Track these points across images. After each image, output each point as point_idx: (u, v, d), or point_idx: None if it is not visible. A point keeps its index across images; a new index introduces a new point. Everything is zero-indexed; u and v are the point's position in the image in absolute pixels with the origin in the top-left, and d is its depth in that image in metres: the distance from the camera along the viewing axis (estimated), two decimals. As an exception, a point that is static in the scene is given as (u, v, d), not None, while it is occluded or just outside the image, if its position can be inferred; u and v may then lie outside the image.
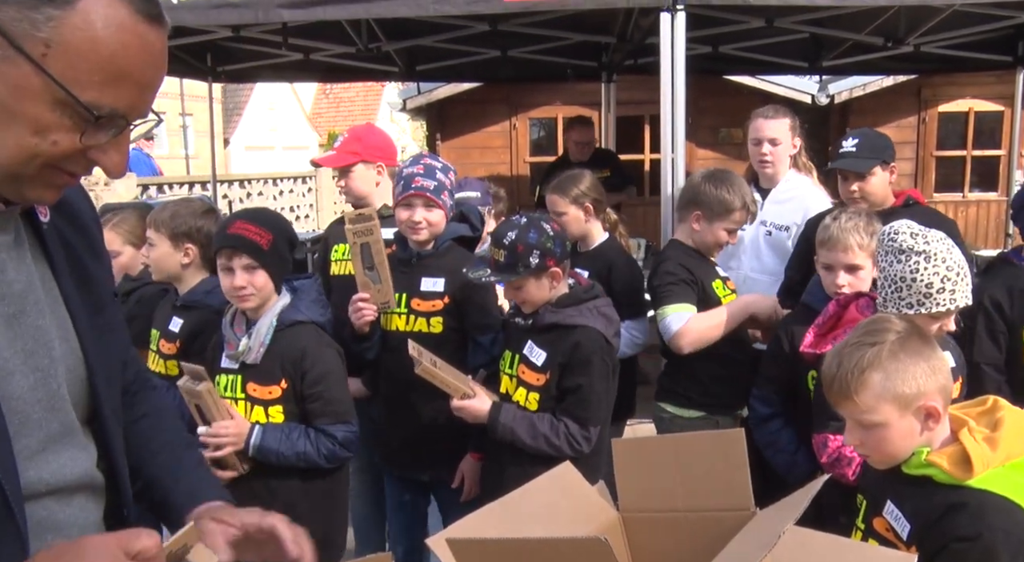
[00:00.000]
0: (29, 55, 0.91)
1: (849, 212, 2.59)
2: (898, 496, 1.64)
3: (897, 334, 1.63)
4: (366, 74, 7.31)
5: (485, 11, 3.68)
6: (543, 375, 2.42)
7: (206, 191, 9.48)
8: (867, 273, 2.48)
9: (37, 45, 0.91)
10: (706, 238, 2.94)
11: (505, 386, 2.53)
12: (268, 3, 3.57)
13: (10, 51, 0.91)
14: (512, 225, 2.45)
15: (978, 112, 9.15)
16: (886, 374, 1.59)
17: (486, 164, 9.37)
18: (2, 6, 0.91)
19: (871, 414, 1.60)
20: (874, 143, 3.10)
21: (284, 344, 2.37)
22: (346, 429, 2.39)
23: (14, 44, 0.91)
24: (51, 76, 0.92)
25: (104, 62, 0.94)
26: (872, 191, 3.05)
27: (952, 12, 4.78)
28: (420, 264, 2.75)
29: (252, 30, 5.06)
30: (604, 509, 1.39)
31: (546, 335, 2.44)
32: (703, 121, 8.63)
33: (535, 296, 2.46)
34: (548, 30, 5.64)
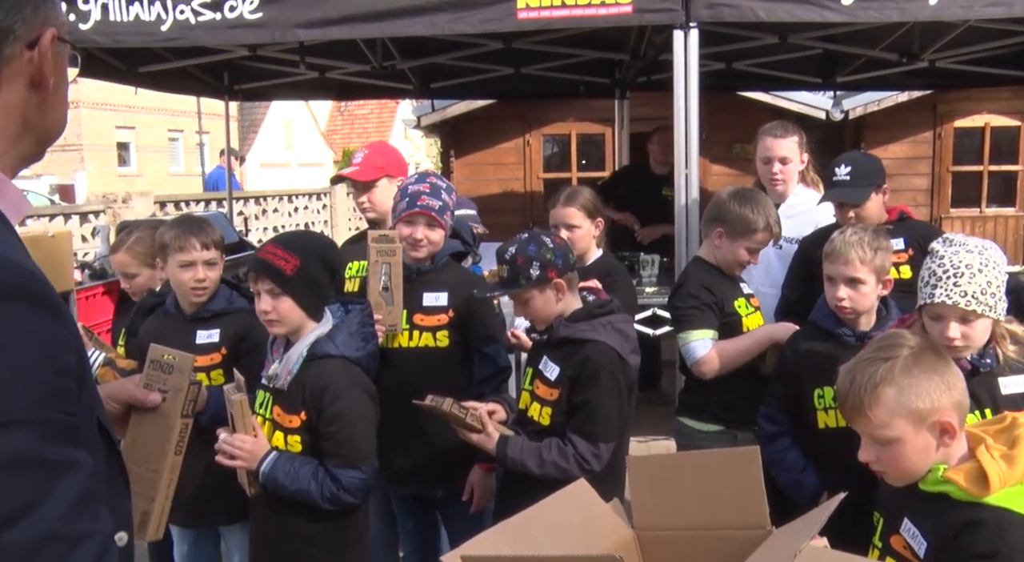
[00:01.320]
0: (68, 41, 1.13)
1: (856, 227, 2.60)
2: (915, 513, 1.63)
3: (911, 349, 1.63)
4: (381, 92, 7.37)
5: (499, 29, 3.69)
6: (555, 390, 2.41)
7: (222, 208, 9.54)
8: (869, 288, 2.46)
9: (64, 30, 1.13)
10: (727, 256, 2.93)
11: (523, 402, 2.54)
12: (285, 23, 3.61)
13: (63, 46, 1.12)
14: (513, 240, 2.47)
15: (994, 127, 9.10)
16: (899, 389, 1.58)
17: (500, 180, 9.40)
18: (52, 16, 1.11)
19: (885, 430, 1.59)
20: (866, 169, 3.10)
21: (310, 376, 2.30)
22: (353, 475, 2.26)
23: (64, 39, 1.12)
24: (70, 41, 1.15)
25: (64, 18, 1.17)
26: (868, 215, 3.08)
27: (967, 28, 4.77)
28: (421, 280, 2.77)
29: (269, 49, 5.12)
30: (619, 527, 1.38)
31: (559, 350, 2.44)
32: (717, 136, 8.63)
33: (541, 310, 2.46)
34: (562, 47, 5.67)
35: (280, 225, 14.33)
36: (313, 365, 2.32)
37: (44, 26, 1.09)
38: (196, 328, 2.71)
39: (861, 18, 3.55)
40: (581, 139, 9.54)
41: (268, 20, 3.59)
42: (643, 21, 3.67)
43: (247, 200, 13.80)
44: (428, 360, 2.73)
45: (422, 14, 3.57)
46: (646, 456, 2.21)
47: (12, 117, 1.09)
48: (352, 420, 2.30)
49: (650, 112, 6.97)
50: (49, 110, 1.13)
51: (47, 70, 1.09)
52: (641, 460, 1.41)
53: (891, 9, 3.48)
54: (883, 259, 2.47)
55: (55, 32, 1.10)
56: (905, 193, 9.13)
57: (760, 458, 1.23)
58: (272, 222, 14.38)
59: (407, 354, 2.74)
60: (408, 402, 2.62)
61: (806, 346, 2.51)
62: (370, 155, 3.20)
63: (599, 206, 3.24)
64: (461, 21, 3.56)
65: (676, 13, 3.54)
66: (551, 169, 9.59)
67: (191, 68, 5.70)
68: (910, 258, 3.07)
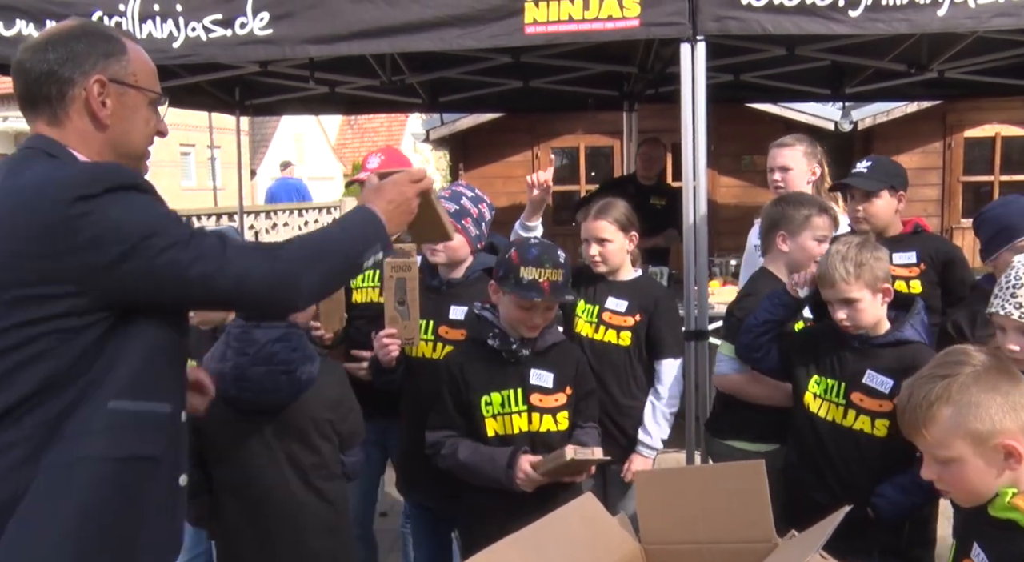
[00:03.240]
0: (131, 85, 1.69)
1: (839, 243, 2.55)
2: (984, 539, 1.55)
3: (973, 367, 1.55)
4: (390, 106, 7.40)
5: (506, 44, 3.71)
6: (562, 394, 2.50)
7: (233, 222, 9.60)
8: (866, 304, 2.44)
9: (131, 77, 1.69)
10: (797, 256, 2.88)
11: (519, 424, 2.51)
12: (295, 39, 3.64)
13: (123, 88, 1.68)
14: (550, 246, 2.49)
15: (1005, 137, 9.07)
16: (956, 409, 1.51)
17: (509, 193, 9.42)
18: (107, 68, 1.65)
19: (943, 450, 1.54)
20: (887, 168, 3.13)
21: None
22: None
23: (124, 84, 1.68)
24: (143, 89, 1.72)
25: (149, 70, 1.75)
26: (876, 213, 3.06)
27: (976, 38, 4.76)
28: (449, 292, 2.78)
29: (279, 65, 5.16)
30: (626, 540, 1.38)
31: (546, 356, 2.52)
32: (725, 148, 8.63)
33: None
34: (570, 61, 5.69)
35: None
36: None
37: (90, 75, 1.62)
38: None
39: (869, 30, 3.54)
40: (590, 151, 9.55)
41: (278, 37, 3.62)
42: (650, 35, 3.67)
43: (258, 214, 13.88)
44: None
45: (430, 29, 3.59)
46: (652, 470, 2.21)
47: (87, 139, 1.65)
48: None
49: (658, 124, 6.98)
50: (118, 134, 1.67)
51: (95, 105, 1.63)
52: (648, 474, 1.41)
53: (899, 21, 3.47)
54: (872, 271, 2.44)
55: (102, 78, 1.63)
56: (915, 203, 9.08)
57: (765, 472, 1.23)
58: (282, 235, 14.45)
59: (432, 364, 2.75)
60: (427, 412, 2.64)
61: (815, 329, 2.67)
62: (387, 160, 3.27)
63: (633, 219, 3.18)
64: (469, 36, 3.58)
65: (683, 26, 3.55)
66: (560, 182, 9.59)
67: (203, 84, 5.75)
68: (921, 273, 3.04)
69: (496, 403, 2.46)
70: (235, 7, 3.57)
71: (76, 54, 1.60)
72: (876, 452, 2.45)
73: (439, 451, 2.48)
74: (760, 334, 2.72)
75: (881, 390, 2.45)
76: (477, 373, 2.46)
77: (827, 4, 3.43)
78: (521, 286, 2.37)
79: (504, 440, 2.45)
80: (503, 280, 2.42)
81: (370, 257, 1.73)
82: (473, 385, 2.45)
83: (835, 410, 2.51)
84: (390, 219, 1.77)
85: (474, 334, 2.52)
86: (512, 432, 2.46)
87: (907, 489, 2.40)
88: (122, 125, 1.65)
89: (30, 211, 1.46)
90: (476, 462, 2.40)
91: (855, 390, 2.48)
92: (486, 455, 2.40)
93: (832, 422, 2.51)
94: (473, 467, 2.40)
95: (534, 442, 2.46)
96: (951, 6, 3.39)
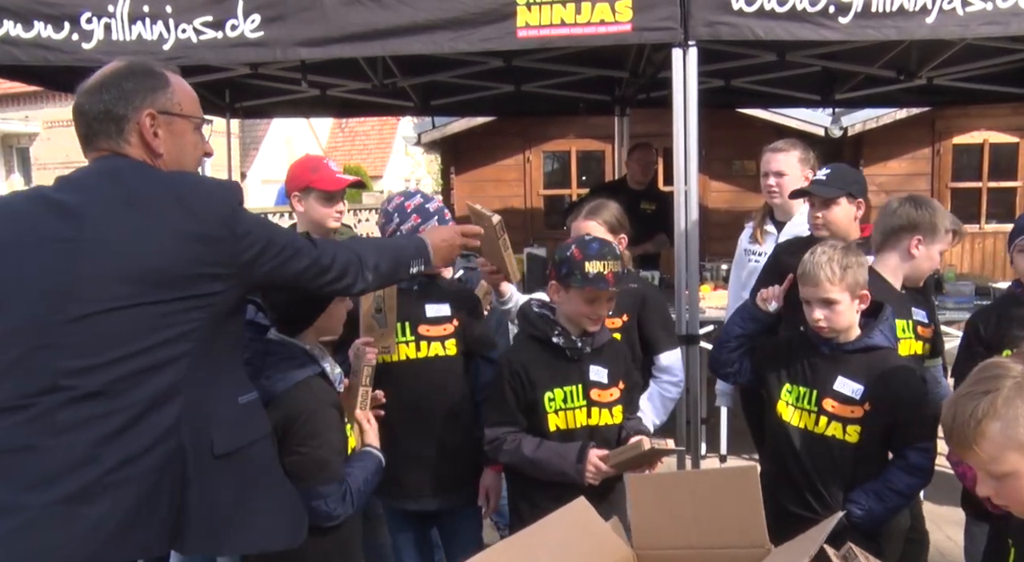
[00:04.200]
0: (178, 114, 1.90)
1: (825, 245, 2.59)
2: None
3: (1014, 379, 1.53)
4: (382, 109, 7.40)
5: (499, 47, 3.71)
6: (616, 389, 2.58)
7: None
8: (844, 307, 2.47)
9: (176, 107, 1.90)
10: (923, 264, 2.88)
11: (580, 418, 2.56)
12: (286, 41, 3.63)
13: (172, 118, 1.88)
14: (605, 241, 2.58)
15: (993, 144, 9.13)
16: (1005, 422, 1.49)
17: (500, 197, 9.42)
18: (156, 101, 1.86)
19: (996, 465, 1.51)
20: (845, 175, 3.15)
21: None
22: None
23: (172, 114, 1.89)
24: (189, 116, 1.93)
25: (191, 98, 1.96)
26: (835, 220, 3.08)
27: (964, 46, 4.80)
28: (422, 292, 2.80)
29: (270, 67, 5.15)
30: (618, 546, 1.38)
31: (601, 353, 2.60)
32: (716, 153, 8.66)
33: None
34: (561, 65, 5.69)
35: (281, 241, 14.32)
36: None
37: (141, 110, 1.83)
38: None
39: (859, 37, 3.57)
40: (581, 156, 9.57)
41: (269, 39, 3.61)
42: (642, 39, 3.69)
43: (248, 216, 13.79)
44: (438, 370, 2.78)
45: (422, 32, 3.58)
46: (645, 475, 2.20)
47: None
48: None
49: (650, 129, 7.00)
50: (172, 159, 1.88)
51: (148, 136, 1.84)
52: (640, 479, 1.41)
53: (889, 28, 3.50)
54: (855, 275, 2.48)
55: (152, 112, 1.84)
56: (905, 209, 9.14)
57: (758, 477, 1.23)
58: (273, 238, 14.38)
59: (415, 366, 2.75)
60: (421, 413, 2.63)
61: (786, 338, 2.69)
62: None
63: (624, 222, 3.18)
64: (461, 39, 3.58)
65: (674, 31, 3.56)
66: (551, 186, 9.61)
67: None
68: None
69: (559, 399, 2.52)
70: (226, 9, 3.55)
71: (127, 92, 1.82)
72: (848, 459, 2.47)
73: (501, 446, 2.52)
74: (732, 349, 2.79)
75: (852, 396, 2.47)
76: (540, 370, 2.52)
77: (818, 10, 3.45)
78: (589, 280, 2.45)
79: (565, 435, 2.52)
80: (568, 277, 2.48)
81: (415, 266, 2.25)
82: (538, 382, 2.51)
83: (807, 417, 2.53)
84: (436, 251, 2.33)
85: (535, 332, 2.57)
86: (574, 427, 2.52)
87: (881, 495, 2.42)
88: (174, 150, 1.87)
89: (206, 200, 1.76)
90: (543, 457, 2.46)
91: (826, 396, 2.50)
92: (554, 450, 2.47)
93: (804, 429, 2.54)
94: (540, 462, 2.46)
95: (593, 436, 2.53)
96: (940, 14, 3.41)
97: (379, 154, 26.80)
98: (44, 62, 3.69)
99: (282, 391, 2.16)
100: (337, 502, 2.13)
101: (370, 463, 2.28)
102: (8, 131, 21.21)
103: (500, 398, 2.54)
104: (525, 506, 2.53)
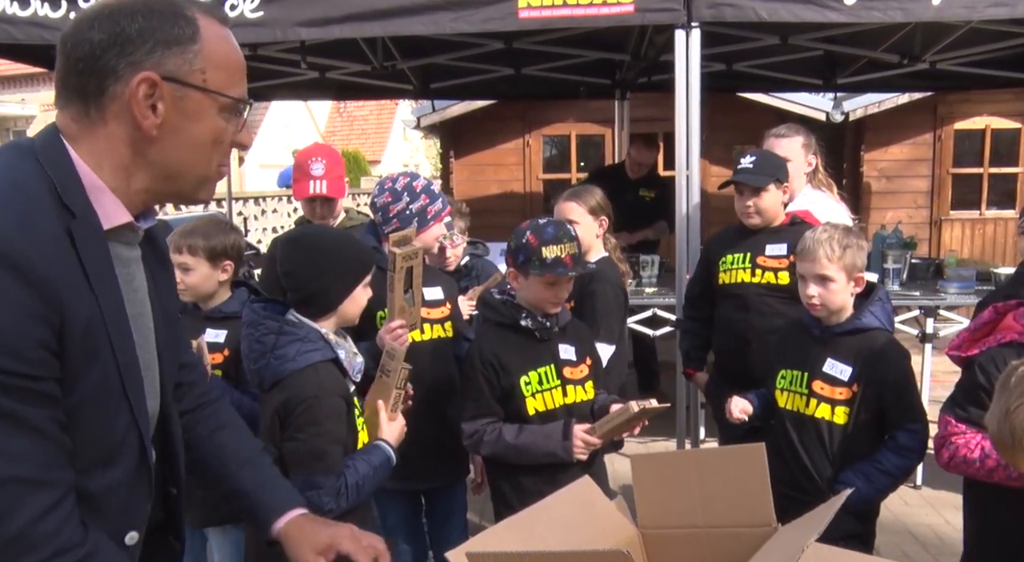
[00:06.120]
0: (197, 86, 1.22)
1: (827, 225, 2.62)
2: None
3: None
4: (381, 92, 7.36)
5: (500, 28, 3.68)
6: (584, 365, 2.60)
7: (221, 208, 9.54)
8: (839, 286, 2.48)
9: (197, 75, 1.22)
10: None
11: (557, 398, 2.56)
12: (286, 21, 3.60)
13: (184, 90, 1.21)
14: (560, 222, 2.55)
15: (995, 129, 9.11)
16: None
17: (500, 181, 9.40)
18: (164, 62, 1.19)
19: None
20: (770, 161, 3.19)
21: None
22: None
23: (186, 84, 1.21)
24: (214, 91, 1.24)
25: (229, 65, 1.27)
26: (766, 207, 3.15)
27: (968, 29, 4.77)
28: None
29: (269, 49, 5.11)
30: (623, 525, 1.38)
31: (566, 331, 2.60)
32: (717, 138, 8.63)
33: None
34: (562, 48, 5.66)
35: (279, 225, 14.32)
36: None
37: (139, 69, 1.18)
38: (207, 326, 2.72)
39: (864, 18, 3.54)
40: (581, 140, 9.54)
41: (269, 19, 3.59)
42: (645, 21, 3.66)
43: (246, 200, 13.80)
44: (440, 351, 2.84)
45: (423, 13, 3.56)
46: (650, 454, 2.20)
47: (115, 148, 1.22)
48: None
49: (650, 113, 6.97)
50: (165, 149, 1.23)
51: (138, 111, 1.19)
52: (645, 458, 1.40)
53: (894, 10, 3.48)
54: (853, 257, 2.49)
55: (152, 76, 1.18)
56: (905, 195, 9.13)
57: (765, 455, 1.22)
58: (271, 222, 14.38)
59: (421, 348, 2.76)
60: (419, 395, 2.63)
61: (784, 329, 2.70)
62: (330, 164, 3.33)
63: (605, 205, 3.21)
64: (462, 20, 3.56)
65: (678, 13, 3.54)
66: (551, 170, 9.58)
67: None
68: (791, 264, 3.06)
69: (534, 381, 2.52)
70: (225, -12, 3.52)
71: (127, 37, 1.18)
72: (837, 440, 2.48)
73: (482, 438, 2.50)
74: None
75: (840, 378, 2.47)
76: (512, 356, 2.50)
77: (822, -8, 3.43)
78: (547, 265, 2.43)
79: (545, 416, 2.52)
80: (526, 264, 2.46)
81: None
82: (511, 367, 2.50)
83: (798, 400, 2.55)
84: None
85: (500, 318, 2.55)
86: (552, 407, 2.53)
87: (870, 476, 2.43)
88: (177, 142, 1.23)
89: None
90: (528, 442, 2.45)
91: (816, 378, 2.51)
92: (538, 433, 2.46)
93: (795, 412, 2.55)
94: (525, 447, 2.45)
95: (571, 413, 2.54)
96: (946, -5, 3.39)
97: (377, 139, 26.70)
98: (41, 41, 3.66)
99: (289, 373, 2.10)
100: (330, 495, 2.06)
101: (375, 457, 2.20)
102: (4, 114, 21.13)
103: (474, 390, 2.52)
104: (507, 486, 2.54)
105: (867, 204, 9.03)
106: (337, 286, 2.19)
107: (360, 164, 22.76)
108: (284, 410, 2.09)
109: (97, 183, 1.21)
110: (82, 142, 1.21)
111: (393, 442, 2.28)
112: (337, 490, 2.07)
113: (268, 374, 2.13)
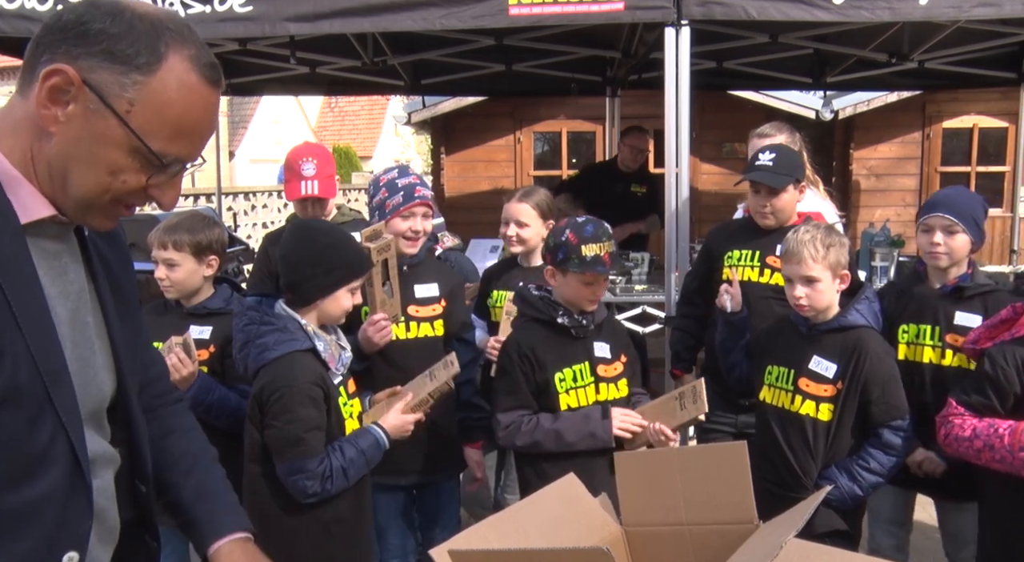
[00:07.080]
0: (116, 111, 1.11)
1: (809, 225, 2.63)
2: None
3: None
4: (371, 88, 7.35)
5: (491, 25, 3.69)
6: (619, 362, 2.62)
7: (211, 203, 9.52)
8: (825, 285, 2.50)
9: (123, 103, 1.11)
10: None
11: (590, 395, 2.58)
12: (275, 16, 3.59)
13: (100, 106, 1.11)
14: (598, 221, 2.55)
15: (983, 128, 9.16)
16: None
17: (490, 178, 9.39)
18: (98, 69, 1.10)
19: None
20: (790, 160, 3.03)
21: None
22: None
23: (105, 102, 1.10)
24: (132, 129, 1.12)
25: (174, 120, 1.14)
26: (782, 207, 3.02)
27: (956, 29, 4.80)
28: (412, 272, 2.81)
29: (259, 43, 5.10)
30: (607, 523, 1.38)
31: (602, 329, 2.62)
32: (707, 136, 8.66)
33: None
34: (553, 44, 5.67)
35: (269, 221, 14.29)
36: None
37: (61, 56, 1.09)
38: (191, 323, 2.72)
39: (852, 17, 3.56)
40: (572, 137, 9.55)
41: (258, 14, 3.57)
42: (635, 18, 3.67)
43: (236, 196, 13.75)
44: (427, 350, 2.79)
45: (414, 9, 3.56)
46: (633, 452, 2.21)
47: (23, 133, 1.14)
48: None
49: (641, 110, 6.98)
50: (58, 151, 1.13)
51: (38, 95, 1.10)
52: (628, 456, 1.41)
53: (882, 9, 3.49)
54: (837, 255, 2.51)
55: (70, 72, 1.08)
56: (893, 193, 9.17)
57: (747, 453, 1.23)
58: (261, 218, 14.33)
59: (406, 346, 2.75)
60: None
61: (770, 327, 2.73)
62: (321, 164, 3.32)
63: (553, 208, 3.17)
64: (453, 16, 3.56)
65: (668, 11, 3.55)
66: (542, 167, 9.59)
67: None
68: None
69: (568, 378, 2.54)
70: (214, -18, 3.51)
71: (86, 30, 1.11)
72: (822, 437, 2.50)
73: (520, 428, 2.52)
74: (726, 356, 2.85)
75: (825, 375, 2.49)
76: (548, 352, 2.53)
77: (811, -9, 3.44)
78: (586, 263, 2.45)
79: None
80: (566, 261, 2.48)
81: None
82: (547, 363, 2.52)
83: (784, 397, 2.57)
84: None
85: (537, 314, 2.57)
86: (584, 404, 2.55)
87: (854, 474, 2.45)
88: (70, 146, 1.13)
89: None
90: (567, 425, 2.47)
91: (802, 375, 2.53)
92: (576, 415, 2.50)
93: (780, 408, 2.58)
94: (565, 429, 2.47)
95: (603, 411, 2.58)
96: (934, -5, 3.41)
97: (368, 134, 26.67)
98: (28, 34, 3.59)
99: (267, 361, 2.16)
100: (314, 479, 2.12)
101: (364, 440, 2.25)
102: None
103: (512, 383, 2.53)
104: (531, 473, 2.55)
105: (856, 202, 9.07)
106: (321, 281, 2.24)
107: (351, 160, 22.72)
108: (261, 397, 2.17)
109: (13, 174, 1.14)
110: (4, 130, 1.16)
111: (390, 430, 2.32)
112: (321, 474, 2.13)
113: (251, 363, 2.19)
